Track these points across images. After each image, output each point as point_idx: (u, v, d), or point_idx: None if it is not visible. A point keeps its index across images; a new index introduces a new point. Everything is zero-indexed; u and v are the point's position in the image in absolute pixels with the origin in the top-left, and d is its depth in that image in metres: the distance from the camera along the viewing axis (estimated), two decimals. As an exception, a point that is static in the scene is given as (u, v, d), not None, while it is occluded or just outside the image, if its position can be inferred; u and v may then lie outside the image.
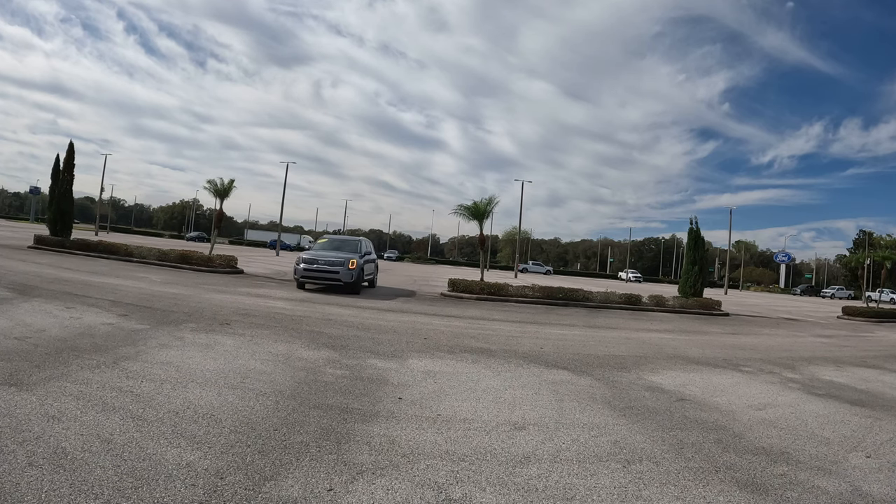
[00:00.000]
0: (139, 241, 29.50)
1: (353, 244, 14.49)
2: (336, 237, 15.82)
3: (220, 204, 21.48)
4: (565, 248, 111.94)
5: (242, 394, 3.91)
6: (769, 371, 7.01)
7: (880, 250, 31.39)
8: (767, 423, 4.38)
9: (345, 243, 14.62)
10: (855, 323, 18.62)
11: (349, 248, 14.02)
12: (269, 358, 5.19)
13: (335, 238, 15.58)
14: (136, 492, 2.31)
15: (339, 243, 14.61)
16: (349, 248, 14.02)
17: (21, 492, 2.21)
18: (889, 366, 8.44)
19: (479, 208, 16.95)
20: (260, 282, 14.53)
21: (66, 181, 20.00)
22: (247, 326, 6.88)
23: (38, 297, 7.61)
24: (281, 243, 45.87)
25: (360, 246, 14.29)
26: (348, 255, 12.86)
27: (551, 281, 26.01)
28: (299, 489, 2.50)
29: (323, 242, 14.94)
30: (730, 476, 3.13)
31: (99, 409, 3.30)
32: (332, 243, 14.60)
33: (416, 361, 5.71)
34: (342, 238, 15.71)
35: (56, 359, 4.35)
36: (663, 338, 9.86)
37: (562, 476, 2.93)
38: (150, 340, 5.44)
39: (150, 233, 70.43)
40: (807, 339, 11.99)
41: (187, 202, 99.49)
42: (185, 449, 2.82)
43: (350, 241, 14.92)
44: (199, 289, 11.00)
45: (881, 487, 3.13)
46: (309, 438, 3.15)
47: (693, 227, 18.74)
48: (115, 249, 17.61)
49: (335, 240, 15.26)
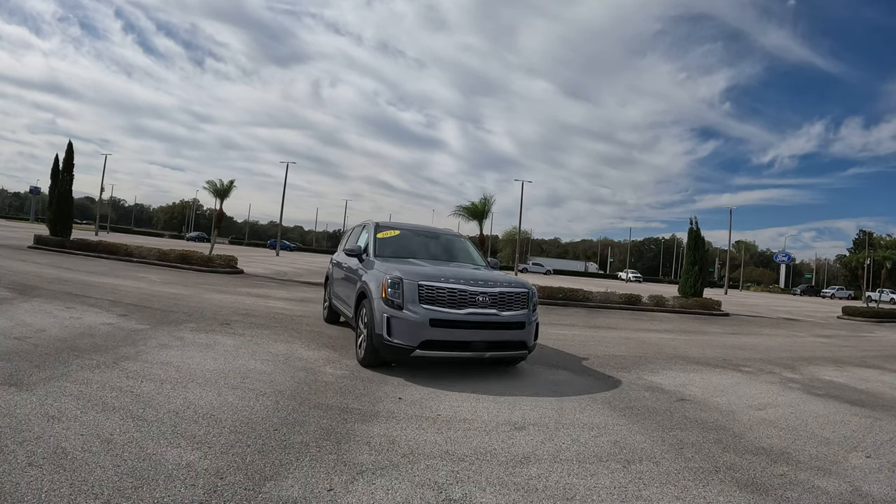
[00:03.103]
0: (139, 241, 29.50)
1: (459, 246, 7.00)
2: (410, 227, 7.12)
3: (220, 204, 21.52)
4: (565, 248, 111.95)
5: (242, 394, 3.91)
6: (769, 371, 7.01)
7: (880, 250, 31.41)
8: (767, 423, 4.38)
9: (449, 245, 6.93)
10: (855, 323, 18.62)
11: (462, 255, 6.77)
12: (269, 358, 5.19)
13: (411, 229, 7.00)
14: (136, 492, 2.31)
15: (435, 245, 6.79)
16: (462, 255, 6.77)
17: (21, 492, 2.21)
18: (889, 366, 8.43)
19: (477, 208, 16.99)
20: (260, 282, 14.53)
21: (65, 181, 19.99)
22: (247, 326, 6.88)
23: (38, 297, 7.61)
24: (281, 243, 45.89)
25: (474, 253, 6.96)
26: (502, 280, 5.44)
27: (551, 281, 26.00)
28: (299, 489, 2.49)
29: (392, 237, 6.50)
30: (730, 476, 3.13)
31: (99, 409, 3.30)
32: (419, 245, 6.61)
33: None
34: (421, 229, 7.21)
35: (56, 359, 4.35)
36: (663, 338, 9.86)
37: (562, 476, 2.93)
38: (150, 340, 5.44)
39: (150, 233, 70.50)
40: (807, 339, 11.99)
41: (187, 202, 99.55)
42: (185, 449, 2.82)
43: (447, 238, 7.10)
44: (199, 289, 11.00)
45: (881, 487, 3.13)
46: (309, 438, 3.15)
47: (693, 227, 18.75)
48: (115, 249, 17.60)
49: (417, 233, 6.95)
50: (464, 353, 4.93)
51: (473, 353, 4.92)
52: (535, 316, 5.38)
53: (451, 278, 4.98)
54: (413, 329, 4.71)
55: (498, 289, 5.10)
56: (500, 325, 5.01)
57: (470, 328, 4.85)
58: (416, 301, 4.78)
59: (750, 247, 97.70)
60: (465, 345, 4.85)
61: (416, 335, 4.71)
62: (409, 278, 4.88)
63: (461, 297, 4.87)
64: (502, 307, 5.05)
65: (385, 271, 5.11)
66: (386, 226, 6.76)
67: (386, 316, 4.78)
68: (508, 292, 5.17)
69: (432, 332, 4.71)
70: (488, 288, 5.04)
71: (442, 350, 4.80)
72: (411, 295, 4.80)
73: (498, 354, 5.15)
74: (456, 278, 5.00)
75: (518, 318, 5.10)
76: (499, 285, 5.16)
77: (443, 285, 4.87)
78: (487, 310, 4.94)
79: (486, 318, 4.92)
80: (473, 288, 4.94)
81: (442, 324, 4.73)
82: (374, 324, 4.89)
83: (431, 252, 6.55)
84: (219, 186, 21.64)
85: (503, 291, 5.13)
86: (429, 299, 4.81)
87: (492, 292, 5.03)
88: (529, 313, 5.24)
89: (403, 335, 4.73)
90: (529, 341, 5.24)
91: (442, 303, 4.81)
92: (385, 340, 4.77)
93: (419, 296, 4.80)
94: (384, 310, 4.82)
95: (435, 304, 4.80)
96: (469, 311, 4.85)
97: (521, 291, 5.29)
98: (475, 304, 4.90)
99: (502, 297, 5.09)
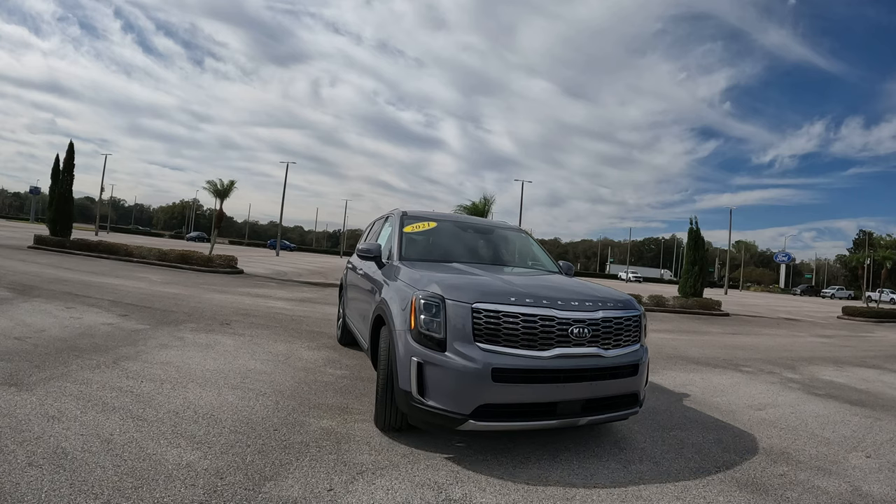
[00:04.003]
0: (139, 241, 29.51)
1: (521, 245, 5.26)
2: (451, 218, 5.37)
3: (220, 204, 21.53)
4: (565, 247, 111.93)
5: (242, 394, 3.91)
6: (769, 371, 7.01)
7: (881, 250, 31.39)
8: (767, 423, 4.38)
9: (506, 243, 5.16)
10: (855, 323, 18.62)
11: (525, 257, 5.12)
12: (269, 358, 5.19)
13: (451, 220, 5.16)
14: (136, 492, 2.31)
15: (487, 244, 4.96)
16: (525, 257, 5.12)
17: (21, 492, 2.21)
18: (889, 366, 8.43)
19: (478, 208, 17.05)
20: (260, 282, 14.53)
21: (65, 181, 20.02)
22: (247, 326, 6.88)
23: (39, 297, 7.61)
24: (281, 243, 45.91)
25: (541, 255, 5.14)
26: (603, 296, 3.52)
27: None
28: (299, 489, 2.50)
29: (425, 231, 4.66)
30: (730, 476, 3.13)
31: (99, 409, 3.30)
32: (463, 243, 4.80)
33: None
34: (466, 221, 5.40)
35: (56, 359, 4.35)
36: (663, 338, 9.86)
37: (562, 476, 2.93)
38: (150, 340, 5.44)
39: (150, 233, 70.56)
40: (807, 339, 11.99)
41: (187, 202, 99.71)
42: (185, 449, 2.82)
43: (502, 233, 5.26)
44: (199, 289, 11.00)
45: (881, 487, 3.13)
46: (309, 438, 3.15)
47: (693, 228, 18.77)
48: (115, 249, 17.60)
49: (461, 225, 5.08)
50: (547, 423, 3.08)
51: (561, 420, 3.08)
52: (647, 351, 3.57)
53: (525, 296, 3.13)
54: (464, 386, 2.88)
55: (601, 313, 3.26)
56: (604, 372, 3.17)
57: (558, 381, 3.01)
58: (468, 336, 2.95)
59: (750, 247, 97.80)
60: (549, 409, 3.03)
61: (469, 396, 2.87)
62: (456, 296, 3.03)
63: (545, 328, 3.03)
64: (607, 342, 3.23)
65: (415, 283, 3.29)
66: (417, 216, 4.80)
67: (416, 361, 2.96)
68: (616, 318, 3.32)
69: (496, 391, 2.88)
70: (586, 312, 3.20)
71: (511, 420, 2.99)
72: (461, 325, 2.96)
73: (599, 419, 3.24)
74: (533, 296, 3.15)
75: (630, 359, 3.31)
76: (600, 306, 3.32)
77: (514, 309, 3.02)
78: (586, 348, 3.11)
79: (586, 363, 3.09)
80: (564, 313, 3.11)
81: (513, 376, 2.91)
82: (396, 371, 3.11)
83: (481, 253, 4.73)
84: (219, 186, 21.65)
85: (608, 317, 3.28)
86: (491, 333, 2.97)
87: (592, 319, 3.18)
88: (643, 349, 3.50)
89: (446, 395, 2.90)
90: (641, 391, 3.43)
91: (513, 339, 2.98)
92: (415, 402, 2.96)
93: (474, 327, 2.97)
94: (413, 349, 3.00)
95: (500, 340, 2.97)
96: (558, 351, 3.02)
97: (633, 315, 3.47)
98: (566, 339, 3.06)
99: (607, 325, 3.25)
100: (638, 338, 3.49)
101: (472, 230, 5.08)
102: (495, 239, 5.09)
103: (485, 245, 4.92)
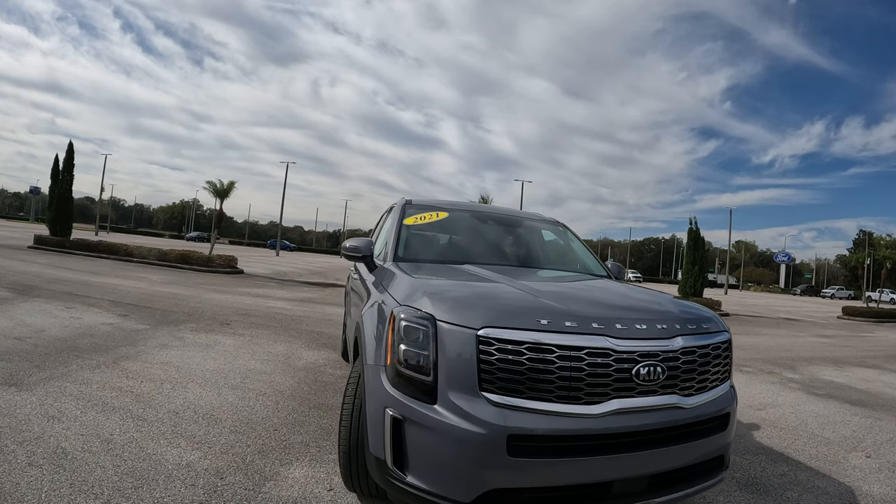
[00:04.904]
0: (139, 241, 29.52)
1: (558, 242, 4.08)
2: (465, 207, 4.19)
3: (220, 204, 21.55)
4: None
5: (242, 394, 3.91)
6: (769, 371, 7.02)
7: (881, 250, 31.38)
8: (767, 423, 4.38)
9: (539, 240, 3.98)
10: (855, 323, 18.63)
11: (563, 257, 3.87)
12: (269, 358, 5.19)
13: (466, 209, 4.06)
14: (136, 492, 2.31)
15: (514, 241, 3.83)
16: (563, 257, 3.87)
17: (21, 492, 2.21)
18: (889, 366, 8.43)
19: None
20: (260, 282, 14.54)
21: (65, 181, 20.03)
22: (247, 326, 6.88)
23: (39, 297, 7.61)
24: (281, 243, 45.94)
25: (584, 254, 3.91)
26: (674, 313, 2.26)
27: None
28: (299, 489, 2.49)
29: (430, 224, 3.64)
30: (730, 476, 3.13)
31: (99, 409, 3.30)
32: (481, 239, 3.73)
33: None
34: (485, 212, 4.18)
35: (56, 359, 4.35)
36: (663, 338, 9.85)
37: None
38: (150, 340, 5.44)
39: (150, 233, 70.59)
40: (807, 339, 11.99)
41: (187, 202, 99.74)
42: (185, 449, 2.82)
43: (532, 226, 4.09)
44: (199, 289, 11.00)
45: (881, 487, 3.13)
46: (309, 438, 3.15)
47: (693, 228, 18.78)
48: (115, 249, 17.61)
49: (478, 216, 4.01)
50: None
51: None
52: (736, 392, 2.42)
53: (564, 315, 1.99)
54: (463, 460, 1.79)
55: (679, 340, 2.09)
56: (684, 430, 2.04)
57: (615, 450, 1.88)
58: (471, 380, 1.85)
59: (750, 247, 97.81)
60: (598, 492, 1.90)
61: (470, 476, 1.79)
62: (454, 316, 1.94)
63: (596, 368, 1.89)
64: (688, 384, 2.08)
65: (398, 294, 2.25)
66: (423, 205, 3.81)
67: (391, 415, 1.91)
68: (701, 346, 2.17)
69: (514, 471, 1.79)
70: (658, 341, 2.04)
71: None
72: (460, 363, 1.87)
73: (672, 499, 2.01)
74: (576, 315, 2.01)
75: (718, 407, 2.18)
76: (678, 329, 2.14)
77: (547, 338, 1.87)
78: (658, 397, 1.98)
79: (658, 421, 1.96)
80: (625, 343, 1.96)
81: (543, 447, 1.81)
82: (365, 427, 2.08)
83: (505, 251, 3.67)
84: (219, 187, 21.67)
85: (691, 347, 2.12)
86: (508, 376, 1.84)
87: (668, 350, 2.03)
88: (732, 391, 2.37)
89: (436, 472, 1.85)
90: (728, 449, 2.29)
91: (543, 386, 1.85)
92: (391, 475, 1.91)
93: (481, 366, 1.85)
94: (387, 397, 1.96)
95: (523, 389, 1.84)
96: (616, 405, 1.89)
97: (723, 342, 2.31)
98: (629, 384, 1.93)
99: (689, 359, 2.10)
100: (727, 374, 2.35)
101: (492, 221, 4.02)
102: (524, 233, 3.99)
103: (510, 241, 3.84)
